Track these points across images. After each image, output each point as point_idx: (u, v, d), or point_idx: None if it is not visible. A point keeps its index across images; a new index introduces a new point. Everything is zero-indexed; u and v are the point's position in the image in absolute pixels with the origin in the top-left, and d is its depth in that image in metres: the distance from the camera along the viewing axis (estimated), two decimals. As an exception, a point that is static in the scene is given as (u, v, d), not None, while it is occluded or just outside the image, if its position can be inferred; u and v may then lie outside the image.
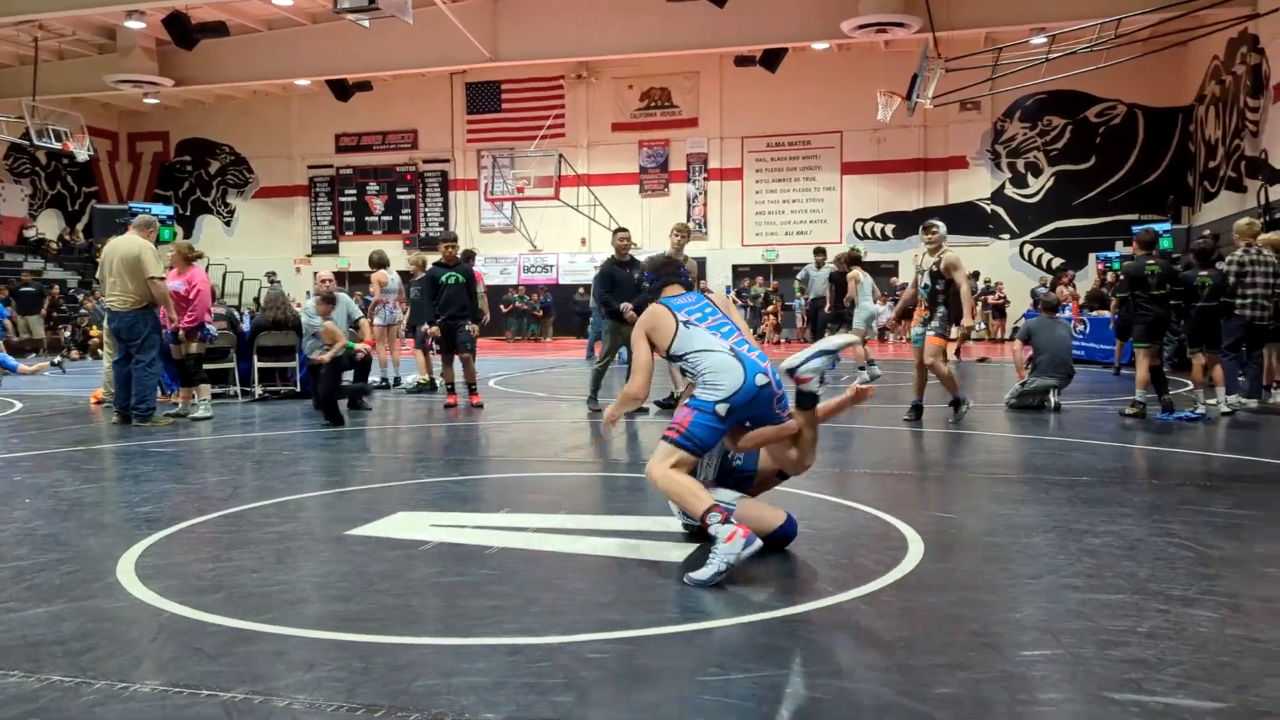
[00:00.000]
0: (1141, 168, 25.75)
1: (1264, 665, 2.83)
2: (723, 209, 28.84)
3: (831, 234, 27.83)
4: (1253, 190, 17.93)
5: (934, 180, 27.50)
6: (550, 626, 3.19)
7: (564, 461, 6.91)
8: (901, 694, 2.64)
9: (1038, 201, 26.65)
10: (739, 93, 27.84)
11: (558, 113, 29.31)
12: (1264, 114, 18.44)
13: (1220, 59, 21.21)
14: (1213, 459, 6.74)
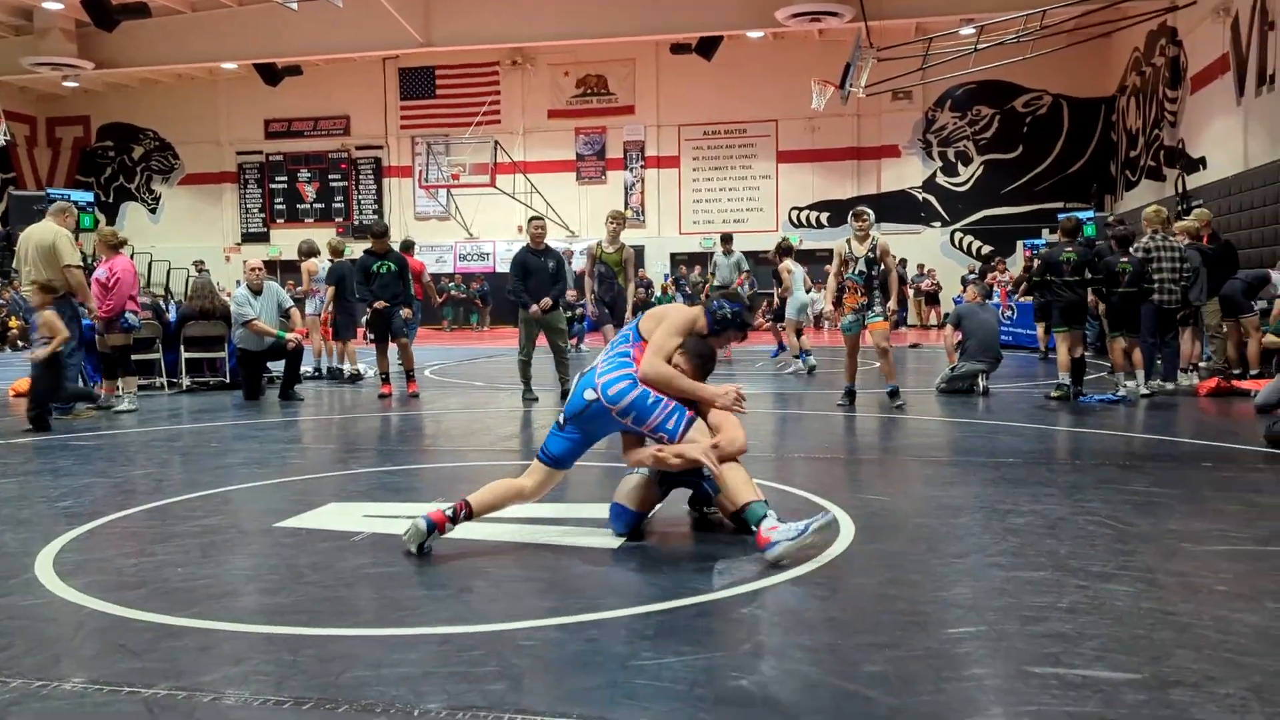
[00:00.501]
0: (1067, 157, 26.39)
1: (1176, 637, 2.93)
2: (660, 197, 28.89)
3: (768, 222, 28.06)
4: (1171, 179, 18.47)
5: (867, 169, 27.86)
6: (482, 615, 3.18)
7: (499, 451, 6.87)
8: (830, 673, 2.69)
9: (968, 190, 27.17)
10: (675, 81, 27.87)
11: (493, 99, 29.06)
12: (1182, 105, 18.99)
13: (1140, 51, 21.79)
14: (1132, 440, 6.95)
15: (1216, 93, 16.95)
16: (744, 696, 2.55)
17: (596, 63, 28.59)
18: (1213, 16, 16.80)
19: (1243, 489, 5.10)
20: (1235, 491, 5.02)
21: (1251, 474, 5.58)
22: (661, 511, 4.52)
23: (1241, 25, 15.75)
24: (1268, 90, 14.68)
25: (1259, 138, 15.04)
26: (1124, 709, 2.42)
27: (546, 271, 9.53)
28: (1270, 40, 14.52)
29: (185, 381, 10.99)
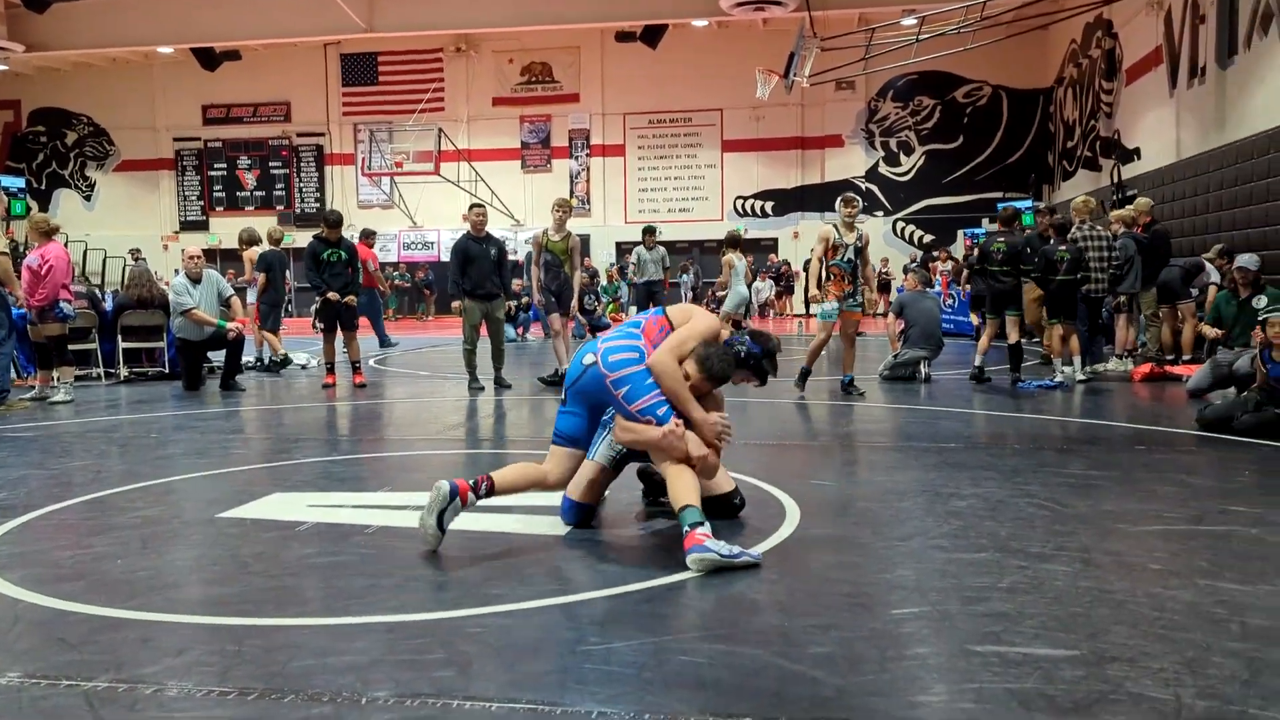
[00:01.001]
0: (1006, 147, 26.83)
1: (1112, 614, 3.01)
2: (605, 185, 28.82)
3: (713, 211, 28.15)
4: (1107, 169, 18.87)
5: (811, 158, 28.06)
6: (430, 603, 3.17)
7: (445, 440, 6.83)
8: (777, 654, 2.72)
9: (909, 180, 27.50)
10: (620, 69, 27.80)
11: (437, 86, 28.74)
12: (1117, 96, 19.40)
13: (1077, 43, 22.20)
14: (1069, 424, 7.11)
15: (1150, 85, 17.34)
16: (692, 679, 2.57)
17: (541, 50, 28.40)
18: (1147, 10, 17.17)
19: (1175, 471, 5.25)
20: (1168, 473, 5.16)
21: (1184, 456, 5.74)
22: (611, 500, 4.53)
23: (1174, 18, 16.12)
24: (1199, 83, 15.06)
25: (1190, 129, 15.43)
26: (1062, 684, 2.48)
27: (488, 259, 9.47)
28: (1201, 33, 14.89)
29: (123, 372, 10.74)
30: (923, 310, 9.99)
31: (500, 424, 7.72)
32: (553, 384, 9.63)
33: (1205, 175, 14.36)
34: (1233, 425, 6.22)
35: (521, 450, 6.33)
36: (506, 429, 7.48)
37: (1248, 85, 13.36)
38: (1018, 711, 2.33)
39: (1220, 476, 5.14)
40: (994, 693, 2.44)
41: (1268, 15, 12.63)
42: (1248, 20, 13.29)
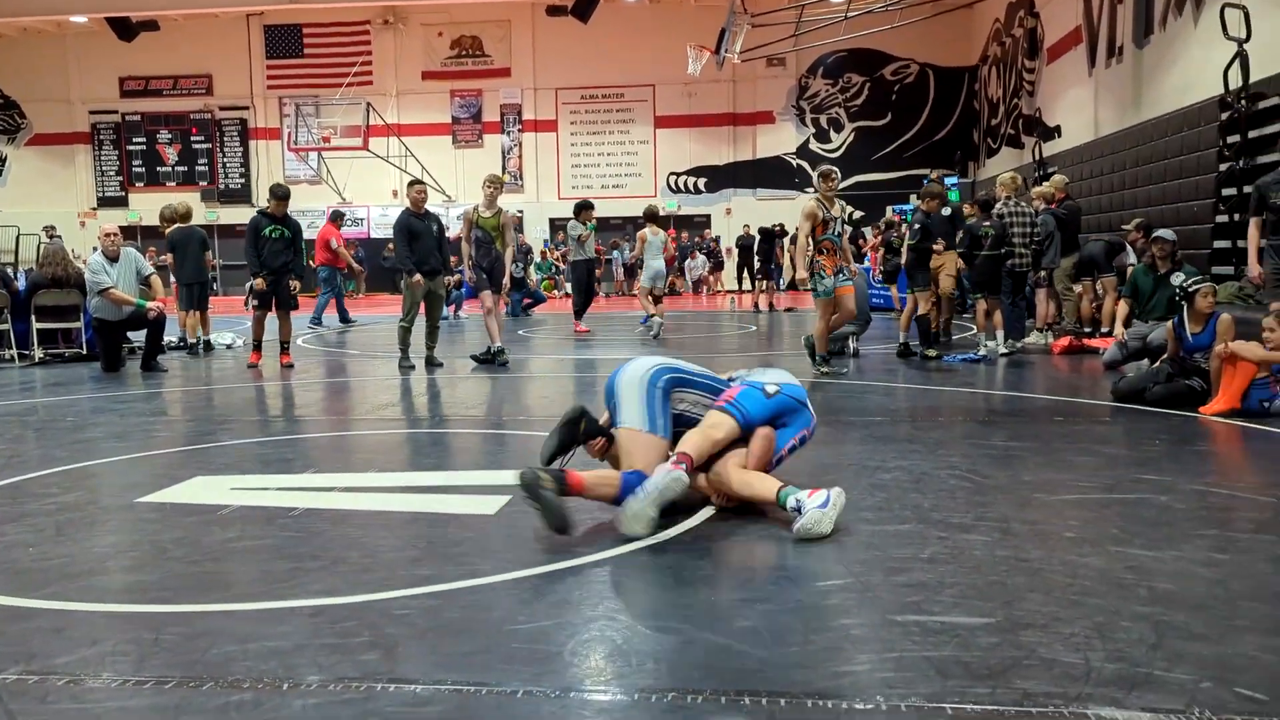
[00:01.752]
0: (933, 124, 27.24)
1: (1028, 581, 3.10)
2: (538, 161, 28.61)
3: (646, 187, 28.14)
4: (1030, 146, 19.27)
5: (743, 135, 28.18)
6: (356, 586, 3.13)
7: (374, 420, 6.74)
8: (703, 629, 2.74)
9: (840, 156, 27.75)
10: (552, 43, 27.56)
11: (364, 59, 28.20)
12: (1039, 75, 19.80)
13: (1001, 22, 22.58)
14: (992, 396, 7.28)
15: (1070, 63, 17.72)
16: (619, 655, 2.59)
17: (471, 23, 28.01)
18: (1068, -10, 17.53)
19: (1090, 441, 5.41)
20: (1084, 443, 5.31)
21: (1098, 427, 5.92)
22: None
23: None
24: (1116, 62, 15.43)
25: (1108, 107, 15.82)
26: (978, 651, 2.55)
27: (431, 235, 9.38)
28: (1119, 13, 15.24)
29: (38, 353, 10.39)
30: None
31: (433, 403, 7.64)
32: (485, 362, 9.57)
33: (1122, 153, 14.75)
34: (1145, 396, 6.42)
35: (454, 430, 6.28)
36: (439, 407, 7.41)
37: (1162, 65, 13.73)
38: (935, 679, 2.39)
39: (1132, 446, 5.31)
40: (913, 661, 2.50)
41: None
42: (1163, 1, 13.64)
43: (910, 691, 2.33)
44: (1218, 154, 11.41)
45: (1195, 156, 12.22)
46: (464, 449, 5.78)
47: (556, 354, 11.15)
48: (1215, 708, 2.21)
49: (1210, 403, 6.06)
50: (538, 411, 7.00)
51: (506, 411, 7.09)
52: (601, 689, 2.39)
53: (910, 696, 2.31)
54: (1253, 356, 5.92)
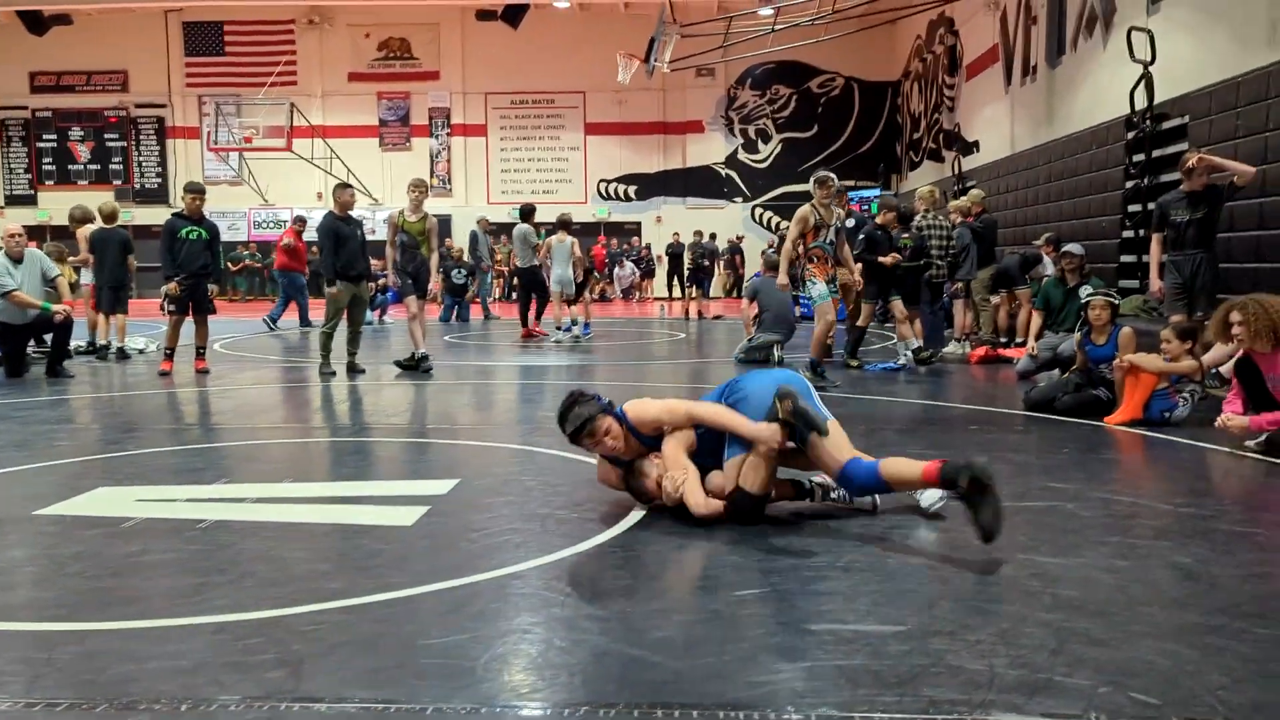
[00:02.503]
0: (857, 137, 27.72)
1: (939, 589, 3.16)
2: (467, 166, 28.40)
3: (576, 194, 28.11)
4: (949, 160, 19.72)
5: (673, 143, 28.34)
6: (263, 601, 3.05)
7: (291, 428, 6.60)
8: (619, 640, 2.74)
9: (767, 167, 28.11)
10: (482, 48, 27.39)
11: (288, 59, 27.69)
12: (959, 91, 20.29)
13: (922, 38, 23.10)
14: (911, 405, 7.41)
15: (988, 81, 18.20)
16: (534, 669, 2.57)
17: (399, 25, 27.70)
18: (985, 9, 18.00)
19: (1003, 449, 5.54)
20: (997, 452, 5.43)
21: (1011, 435, 6.07)
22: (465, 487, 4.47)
23: (1009, 19, 16.95)
24: (1031, 80, 15.89)
25: (1023, 124, 16.27)
26: (889, 659, 2.59)
27: (357, 240, 9.24)
28: (1033, 33, 15.70)
29: (-66, 359, 9.94)
30: (776, 295, 10.21)
31: (354, 410, 7.51)
32: (409, 369, 9.45)
33: (1036, 168, 15.19)
34: (1055, 406, 6.60)
35: (374, 439, 6.18)
36: (360, 415, 7.29)
37: (1074, 84, 14.17)
38: (845, 688, 2.42)
39: (1042, 454, 5.46)
40: (825, 670, 2.53)
41: (1093, 19, 13.42)
42: (1074, 23, 14.10)
43: (821, 701, 2.35)
44: (1124, 171, 11.82)
45: (1103, 173, 12.63)
46: (384, 458, 5.69)
47: (482, 360, 11.05)
48: (1111, 712, 2.27)
49: (1114, 413, 6.26)
50: (461, 420, 6.93)
51: (429, 420, 7.00)
52: (515, 704, 2.37)
53: (821, 706, 2.33)
54: (1152, 368, 6.13)
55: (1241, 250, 9.03)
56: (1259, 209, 8.90)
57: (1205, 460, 5.24)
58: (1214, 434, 5.54)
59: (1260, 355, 5.22)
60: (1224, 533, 3.79)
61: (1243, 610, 2.92)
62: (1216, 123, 9.87)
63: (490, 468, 5.19)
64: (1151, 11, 11.66)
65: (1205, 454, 5.35)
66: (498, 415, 7.26)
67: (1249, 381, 5.34)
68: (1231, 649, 2.63)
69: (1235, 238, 9.08)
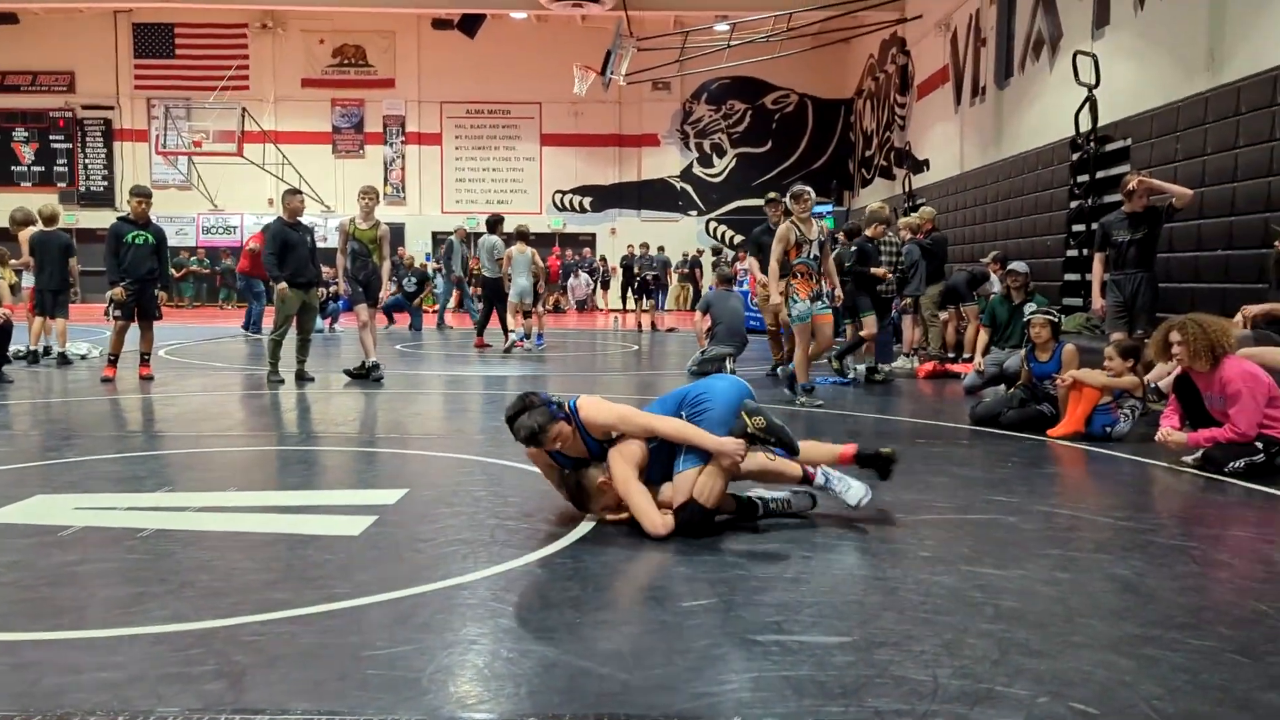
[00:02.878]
0: (811, 153, 28.03)
1: (884, 600, 3.19)
2: (421, 174, 28.24)
3: (532, 204, 28.07)
4: (900, 178, 20.01)
5: (629, 156, 28.43)
6: (204, 611, 3.00)
7: (237, 436, 6.50)
8: (566, 651, 2.73)
9: (722, 181, 28.31)
10: (438, 57, 27.30)
11: (241, 63, 27.36)
12: (910, 110, 20.61)
13: (875, 58, 23.44)
14: (860, 419, 7.49)
15: (939, 100, 18.50)
16: (479, 680, 2.55)
17: (354, 32, 27.51)
18: (936, 30, 18.32)
19: (948, 463, 5.62)
20: (942, 465, 5.51)
21: (957, 449, 6.16)
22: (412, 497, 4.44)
23: (959, 40, 17.27)
24: (980, 101, 16.19)
25: (972, 143, 16.57)
26: (833, 670, 2.61)
27: (306, 247, 9.16)
28: (982, 55, 16.01)
29: None
30: (728, 309, 10.29)
31: (302, 419, 7.42)
32: (359, 377, 9.36)
33: (984, 187, 15.46)
34: (1000, 420, 6.72)
35: (322, 447, 6.11)
36: (308, 424, 7.20)
37: (1021, 106, 14.47)
38: (791, 699, 2.43)
39: (987, 468, 5.54)
40: (770, 680, 2.54)
41: (1040, 42, 13.72)
42: (1022, 46, 14.39)
43: (766, 712, 2.36)
44: (1069, 192, 12.07)
45: (1049, 193, 12.90)
46: (331, 467, 5.63)
47: (434, 370, 10.97)
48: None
49: (1057, 426, 6.38)
50: (412, 429, 6.87)
51: (379, 429, 6.94)
52: (460, 716, 2.35)
53: (766, 717, 2.34)
54: (1094, 383, 6.26)
55: (1180, 270, 9.27)
56: (1197, 230, 9.14)
57: (1144, 475, 5.36)
58: (1153, 449, 5.67)
59: (1198, 374, 5.35)
60: (1161, 546, 3.88)
61: (1177, 622, 2.99)
62: (1157, 145, 10.13)
63: (439, 477, 5.15)
64: (1096, 36, 11.95)
65: (1145, 468, 5.47)
66: (448, 425, 7.21)
67: (1187, 399, 5.48)
68: (1167, 660, 2.69)
69: (1174, 258, 9.32)
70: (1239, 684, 2.53)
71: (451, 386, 9.51)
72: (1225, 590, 3.38)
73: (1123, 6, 11.38)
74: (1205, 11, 9.55)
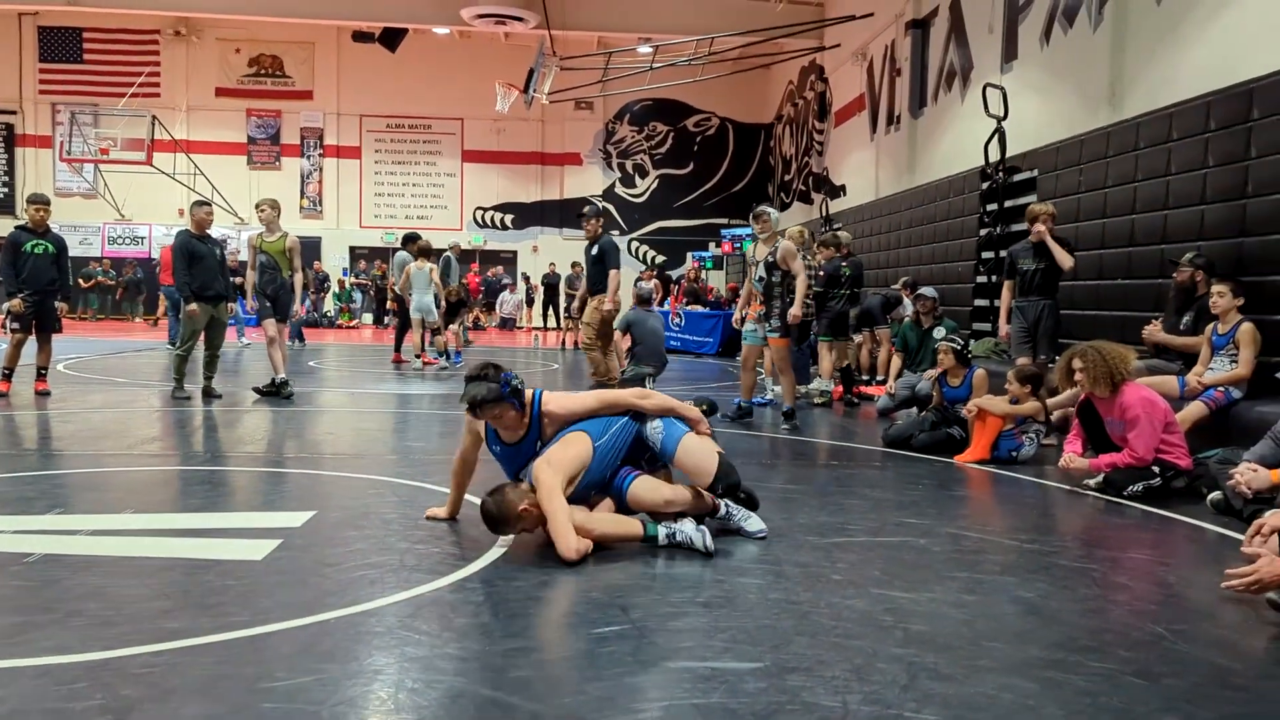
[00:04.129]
0: (732, 176, 28.38)
1: (796, 624, 3.20)
2: (340, 188, 27.79)
3: (452, 220, 27.82)
4: (818, 203, 20.35)
5: (551, 174, 28.40)
6: (93, 641, 2.86)
7: (138, 455, 6.25)
8: (475, 681, 2.67)
9: (644, 201, 28.46)
10: (358, 70, 26.93)
11: (152, 70, 26.63)
12: (828, 136, 21.01)
13: (794, 84, 23.87)
14: (776, 441, 7.55)
15: (855, 128, 18.90)
16: (382, 713, 2.48)
17: (272, 42, 27.00)
18: (853, 59, 18.73)
19: (861, 485, 5.70)
20: (855, 488, 5.59)
21: (869, 471, 6.24)
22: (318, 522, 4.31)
23: (875, 70, 17.68)
24: (895, 129, 16.58)
25: (887, 170, 16.95)
26: (745, 697, 2.60)
27: (214, 259, 8.90)
28: (898, 85, 16.40)
29: None
30: (648, 329, 10.29)
31: (208, 437, 7.18)
32: (268, 394, 9.12)
33: (898, 214, 15.82)
34: (911, 443, 6.84)
35: (227, 468, 5.92)
36: (214, 443, 6.96)
37: (934, 135, 14.86)
38: (701, 726, 2.41)
39: (898, 490, 5.63)
40: (681, 709, 2.52)
41: (952, 74, 14.12)
42: (935, 77, 14.80)
43: (676, 740, 2.34)
44: (979, 220, 12.42)
45: (960, 221, 13.25)
46: (236, 489, 5.45)
47: (347, 388, 10.75)
48: (956, 746, 2.33)
49: (964, 453, 6.51)
50: (321, 449, 6.70)
51: (287, 449, 6.75)
52: (359, 749, 2.27)
53: (676, 746, 2.32)
54: (997, 411, 6.42)
55: (1084, 298, 9.58)
56: (1099, 260, 9.47)
57: (1048, 497, 5.50)
58: (1056, 472, 5.82)
59: (1099, 400, 5.52)
60: (1064, 568, 3.98)
61: (1079, 644, 3.06)
62: (1062, 177, 10.49)
63: (348, 499, 5.03)
64: (1005, 70, 12.34)
65: (1048, 491, 5.61)
66: (360, 445, 7.05)
67: (1090, 424, 5.65)
68: (1069, 683, 2.74)
69: (1078, 286, 9.63)
70: (1137, 706, 2.59)
71: (364, 405, 9.32)
72: (1124, 613, 3.47)
73: (1030, 42, 11.78)
74: (1107, 49, 9.94)
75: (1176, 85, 8.69)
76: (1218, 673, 2.85)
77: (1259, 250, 7.27)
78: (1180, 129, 8.44)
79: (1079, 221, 9.83)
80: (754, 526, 4.30)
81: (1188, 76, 8.57)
